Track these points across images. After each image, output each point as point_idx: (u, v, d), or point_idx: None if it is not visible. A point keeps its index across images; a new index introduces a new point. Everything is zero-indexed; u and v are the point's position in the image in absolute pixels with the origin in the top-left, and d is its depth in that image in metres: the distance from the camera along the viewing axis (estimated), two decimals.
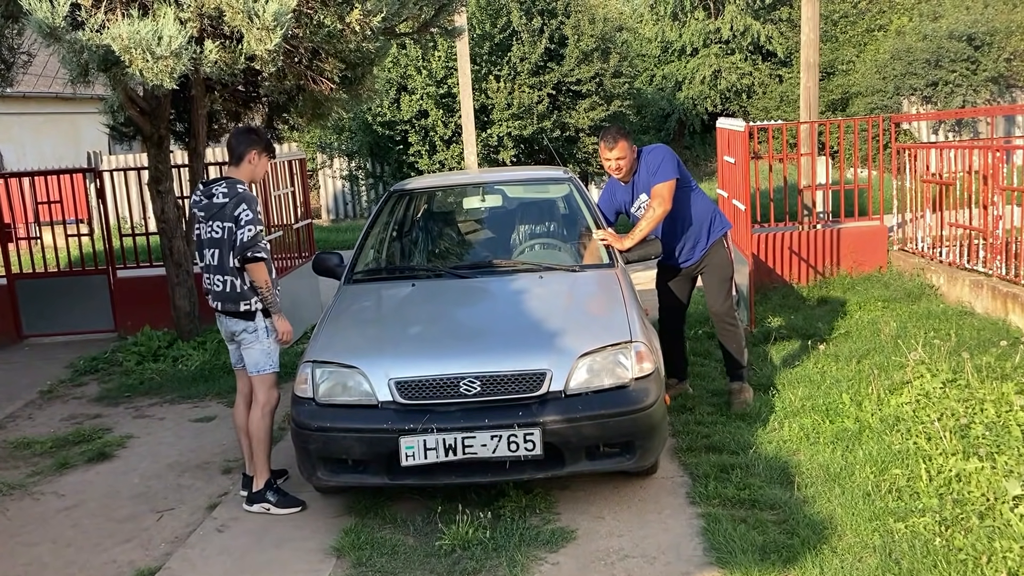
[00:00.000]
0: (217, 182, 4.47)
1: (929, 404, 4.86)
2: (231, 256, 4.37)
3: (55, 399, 6.94)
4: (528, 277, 5.01)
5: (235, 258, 4.36)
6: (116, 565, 4.09)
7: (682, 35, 24.92)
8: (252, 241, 4.34)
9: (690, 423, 5.23)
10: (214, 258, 4.43)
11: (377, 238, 5.82)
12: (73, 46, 5.60)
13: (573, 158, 17.42)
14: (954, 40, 19.38)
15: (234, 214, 4.36)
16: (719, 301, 5.58)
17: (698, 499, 4.24)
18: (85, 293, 8.89)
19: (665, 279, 5.76)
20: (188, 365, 7.36)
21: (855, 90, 21.41)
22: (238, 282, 4.40)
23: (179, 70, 5.49)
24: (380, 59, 7.86)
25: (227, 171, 4.54)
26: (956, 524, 3.69)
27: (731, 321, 5.58)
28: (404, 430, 3.94)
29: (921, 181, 8.71)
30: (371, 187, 19.25)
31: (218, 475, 5.11)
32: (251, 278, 4.39)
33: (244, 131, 4.67)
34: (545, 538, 3.95)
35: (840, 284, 8.53)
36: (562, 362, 4.08)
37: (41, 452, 5.66)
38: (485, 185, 6.32)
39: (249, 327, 4.45)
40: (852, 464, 4.40)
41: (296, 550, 4.07)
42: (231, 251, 4.37)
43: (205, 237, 4.47)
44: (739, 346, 5.58)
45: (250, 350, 4.48)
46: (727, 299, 5.59)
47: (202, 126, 7.77)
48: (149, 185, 7.75)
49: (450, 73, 16.18)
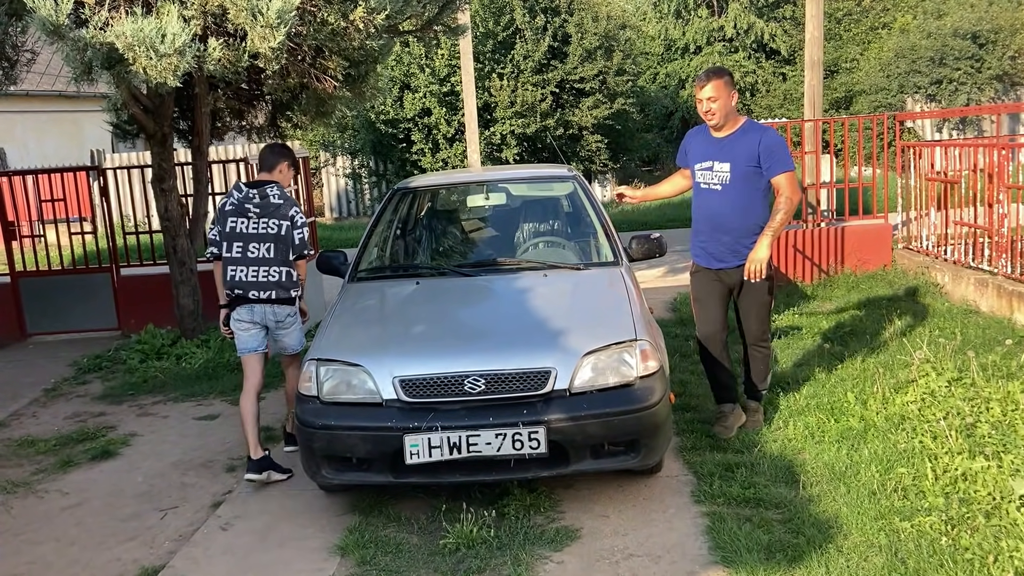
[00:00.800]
0: (265, 184, 4.94)
1: (934, 403, 4.85)
2: (289, 251, 4.90)
3: (59, 397, 6.95)
4: (532, 275, 5.00)
5: (294, 254, 4.92)
6: (120, 563, 4.09)
7: (685, 33, 24.92)
8: (306, 240, 4.96)
9: (694, 422, 5.21)
10: (269, 251, 4.89)
11: (381, 236, 5.81)
12: (76, 44, 5.60)
13: (576, 156, 17.42)
14: (958, 38, 19.35)
15: (289, 214, 4.91)
16: (755, 325, 5.00)
17: (703, 498, 4.23)
18: (88, 291, 8.89)
19: (701, 290, 5.05)
20: (191, 363, 7.36)
21: (859, 88, 21.39)
22: (294, 273, 4.96)
23: (182, 68, 5.48)
24: (384, 57, 7.86)
25: (265, 176, 5.03)
26: (962, 523, 3.67)
27: (764, 345, 5.06)
28: (408, 428, 3.93)
29: (926, 179, 8.68)
30: (374, 185, 19.25)
31: (222, 473, 5.11)
32: (298, 271, 4.98)
33: (278, 146, 5.17)
34: (550, 537, 3.94)
35: (844, 282, 8.51)
36: (567, 360, 4.07)
37: (45, 450, 5.67)
38: (489, 183, 6.31)
39: (292, 311, 4.99)
40: (857, 463, 4.39)
41: (300, 549, 4.06)
42: (289, 247, 4.90)
43: (254, 232, 4.88)
44: (766, 369, 5.12)
45: (291, 331, 5.03)
46: (764, 323, 5.03)
47: (205, 124, 7.76)
48: (152, 183, 7.75)
49: (453, 71, 16.18)
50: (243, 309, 4.95)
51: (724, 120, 4.75)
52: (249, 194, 4.90)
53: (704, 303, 5.03)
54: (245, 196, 4.91)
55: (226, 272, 4.93)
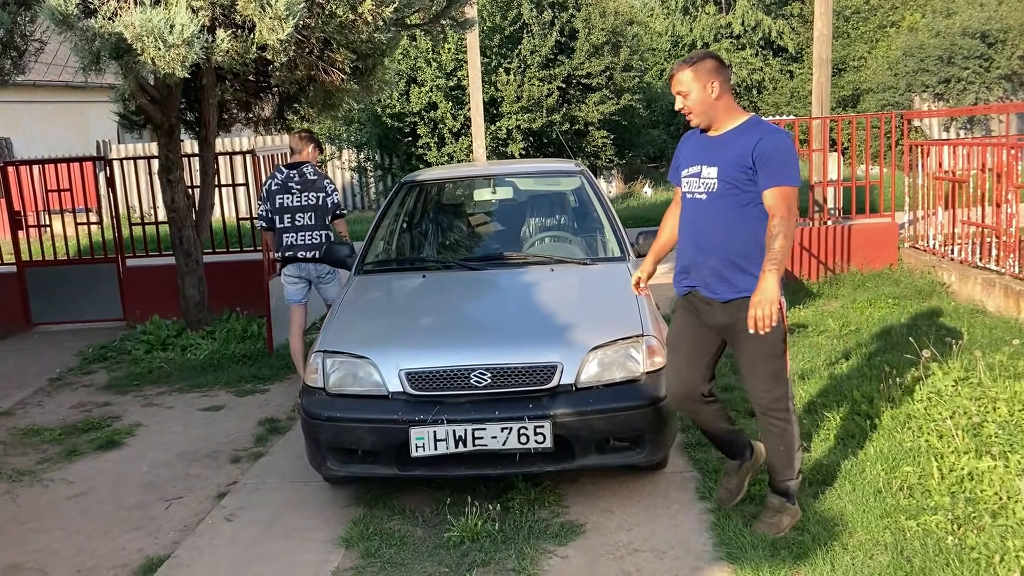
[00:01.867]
0: (300, 165, 6.06)
1: (941, 402, 4.83)
2: (327, 216, 6.02)
3: (64, 387, 6.96)
4: (539, 270, 4.99)
5: (331, 217, 6.04)
6: (125, 552, 4.10)
7: (693, 29, 24.87)
8: (339, 203, 6.14)
9: None
10: (311, 219, 5.98)
11: (388, 229, 5.81)
12: (85, 34, 5.60)
13: (583, 152, 17.39)
14: (967, 37, 19.29)
15: (323, 185, 6.07)
16: (762, 386, 3.67)
17: (708, 494, 4.22)
18: (94, 282, 8.90)
19: (675, 333, 3.88)
20: (197, 354, 7.37)
21: (866, 86, 21.34)
22: (332, 235, 6.06)
23: (191, 59, 5.48)
24: (391, 51, 7.84)
25: (297, 159, 6.11)
26: (969, 523, 3.66)
27: (780, 415, 3.69)
28: (414, 421, 3.93)
29: (933, 178, 8.66)
30: (379, 179, 19.24)
31: (227, 464, 5.11)
32: (338, 230, 6.18)
33: (304, 132, 6.26)
34: (554, 531, 3.94)
35: (850, 281, 8.49)
36: (573, 355, 4.06)
37: (50, 439, 5.68)
38: (496, 177, 6.30)
39: (330, 268, 6.02)
40: (863, 461, 4.38)
41: (305, 540, 4.07)
42: (327, 213, 6.02)
43: (298, 204, 5.98)
44: (787, 449, 3.74)
45: (330, 286, 6.10)
46: (776, 384, 3.66)
47: (213, 115, 7.76)
48: (159, 174, 7.75)
49: (460, 65, 16.16)
50: (292, 267, 6.03)
51: (707, 118, 3.65)
52: (290, 174, 6.03)
53: (676, 350, 3.86)
54: (287, 176, 6.03)
55: (281, 240, 5.99)
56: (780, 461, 3.78)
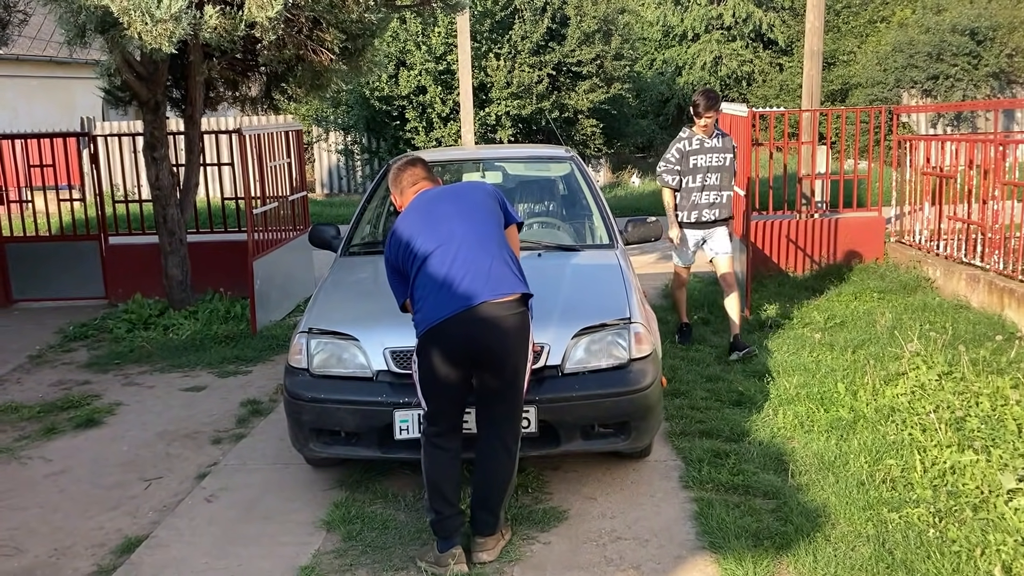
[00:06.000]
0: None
1: (924, 396, 4.85)
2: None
3: (44, 364, 6.88)
4: (526, 255, 4.94)
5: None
6: (104, 532, 4.05)
7: (684, 20, 24.83)
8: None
9: (684, 407, 5.20)
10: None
11: (374, 212, 5.75)
12: (70, 6, 5.52)
13: (571, 139, 17.35)
14: (956, 34, 19.34)
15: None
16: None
17: (691, 483, 4.22)
18: (76, 259, 8.80)
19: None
20: (179, 334, 7.30)
21: (855, 81, 21.38)
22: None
23: (178, 35, 5.41)
24: (381, 31, 7.78)
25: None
26: (950, 516, 3.67)
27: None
28: (399, 404, 3.90)
29: (920, 174, 8.68)
30: (366, 162, 19.13)
31: (207, 445, 5.07)
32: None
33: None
34: (537, 518, 3.93)
35: (836, 274, 8.50)
36: (559, 336, 4.03)
37: (29, 417, 5.61)
38: (485, 162, 6.26)
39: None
40: (846, 453, 4.38)
41: (285, 522, 4.03)
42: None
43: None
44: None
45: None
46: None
47: (199, 93, 7.68)
48: (144, 151, 7.66)
49: (450, 50, 16.06)
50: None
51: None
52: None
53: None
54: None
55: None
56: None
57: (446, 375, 3.51)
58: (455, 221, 3.60)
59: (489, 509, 3.60)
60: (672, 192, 6.38)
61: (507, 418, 3.61)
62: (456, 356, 3.50)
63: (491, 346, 3.48)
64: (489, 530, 3.60)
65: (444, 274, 3.48)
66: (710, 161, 6.25)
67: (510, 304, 3.49)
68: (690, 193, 6.30)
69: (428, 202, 3.71)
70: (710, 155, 6.25)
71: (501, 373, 3.53)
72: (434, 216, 3.63)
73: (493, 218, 3.69)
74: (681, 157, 6.30)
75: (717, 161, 6.26)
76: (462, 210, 3.66)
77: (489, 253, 3.55)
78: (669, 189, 6.38)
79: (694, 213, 6.32)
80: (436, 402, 3.58)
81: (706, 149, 6.25)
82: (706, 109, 6.13)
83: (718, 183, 6.29)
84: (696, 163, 6.25)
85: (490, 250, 3.56)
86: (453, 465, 3.62)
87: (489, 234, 3.62)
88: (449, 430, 3.61)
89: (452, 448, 3.61)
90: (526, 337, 3.59)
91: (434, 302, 3.48)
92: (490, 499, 3.60)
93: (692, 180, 6.27)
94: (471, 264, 3.49)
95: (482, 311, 3.44)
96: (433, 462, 3.59)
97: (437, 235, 3.56)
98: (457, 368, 3.51)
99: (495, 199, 3.77)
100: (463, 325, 3.44)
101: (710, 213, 6.31)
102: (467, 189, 3.91)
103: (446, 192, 3.81)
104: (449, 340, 3.47)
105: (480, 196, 3.76)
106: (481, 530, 3.60)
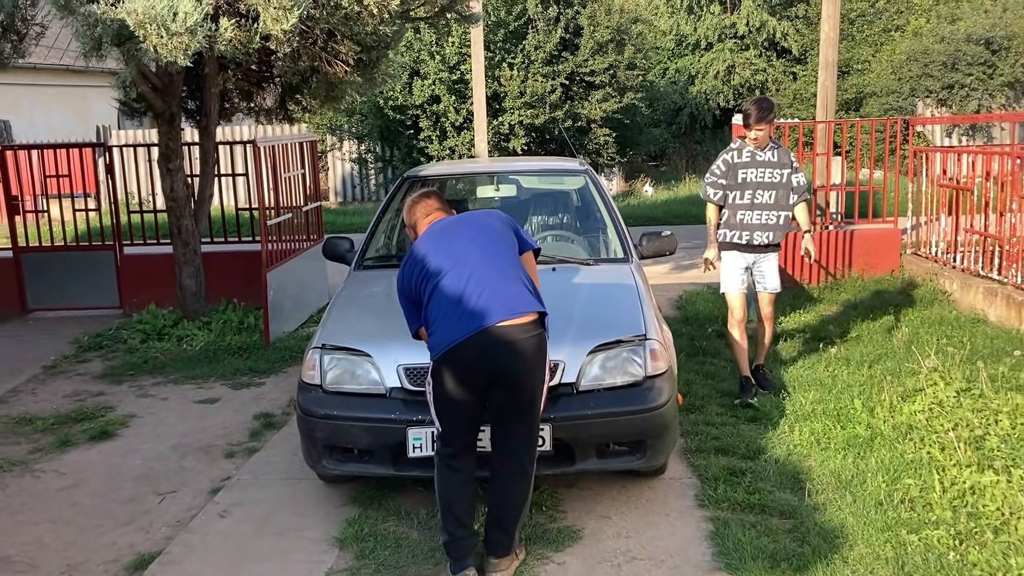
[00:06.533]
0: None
1: (943, 413, 4.80)
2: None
3: (58, 375, 6.90)
4: (540, 269, 4.92)
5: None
6: (116, 548, 4.04)
7: (697, 29, 24.75)
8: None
9: (699, 424, 5.16)
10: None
11: (389, 224, 5.75)
12: (87, 19, 5.54)
13: (584, 149, 17.32)
14: (972, 43, 19.23)
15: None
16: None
17: (707, 502, 4.18)
18: (91, 269, 8.83)
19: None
20: (193, 345, 7.31)
21: (869, 90, 21.28)
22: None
23: (193, 47, 5.42)
24: (395, 43, 7.79)
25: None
26: (970, 538, 3.63)
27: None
28: (412, 421, 3.89)
29: (937, 185, 8.61)
30: (380, 171, 19.15)
31: (221, 459, 5.06)
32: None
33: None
34: (551, 537, 3.89)
35: (851, 286, 8.45)
36: (574, 354, 4.01)
37: (43, 428, 5.62)
38: (499, 175, 6.25)
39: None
40: (864, 472, 4.34)
41: (299, 539, 4.02)
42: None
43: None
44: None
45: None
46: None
47: (214, 105, 7.70)
48: (159, 162, 7.68)
49: (463, 59, 16.07)
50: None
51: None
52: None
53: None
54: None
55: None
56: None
57: (461, 397, 3.49)
58: (469, 244, 3.60)
59: (503, 530, 3.57)
60: (716, 208, 5.69)
61: (523, 440, 3.58)
62: (472, 379, 3.48)
63: (508, 369, 3.46)
64: (503, 551, 3.57)
65: (458, 294, 3.47)
66: (762, 176, 5.53)
67: (526, 326, 3.47)
68: (736, 211, 5.58)
69: (442, 229, 3.72)
70: (763, 170, 5.53)
71: (518, 395, 3.51)
72: (448, 240, 3.63)
73: (507, 242, 3.69)
74: (728, 169, 5.60)
75: (771, 177, 5.52)
76: (476, 235, 3.67)
77: (503, 274, 3.54)
78: (714, 205, 5.69)
79: (743, 234, 5.58)
80: (450, 423, 3.56)
81: (758, 163, 5.53)
82: (757, 120, 5.42)
83: (772, 202, 5.52)
84: (745, 177, 5.54)
85: (505, 271, 3.55)
86: (466, 486, 3.59)
87: (504, 256, 3.62)
88: (463, 451, 3.59)
89: (465, 469, 3.59)
90: (543, 359, 3.57)
91: (448, 324, 3.47)
92: (504, 520, 3.58)
93: (740, 196, 5.56)
94: (485, 284, 3.48)
95: (498, 332, 3.42)
96: (446, 483, 3.57)
97: (451, 257, 3.56)
98: (472, 390, 3.49)
99: (509, 227, 3.78)
100: (479, 348, 3.42)
101: (762, 236, 5.56)
102: (481, 216, 3.91)
103: (460, 219, 3.82)
104: (465, 363, 3.46)
105: (493, 222, 3.77)
106: (495, 551, 3.58)
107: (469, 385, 3.48)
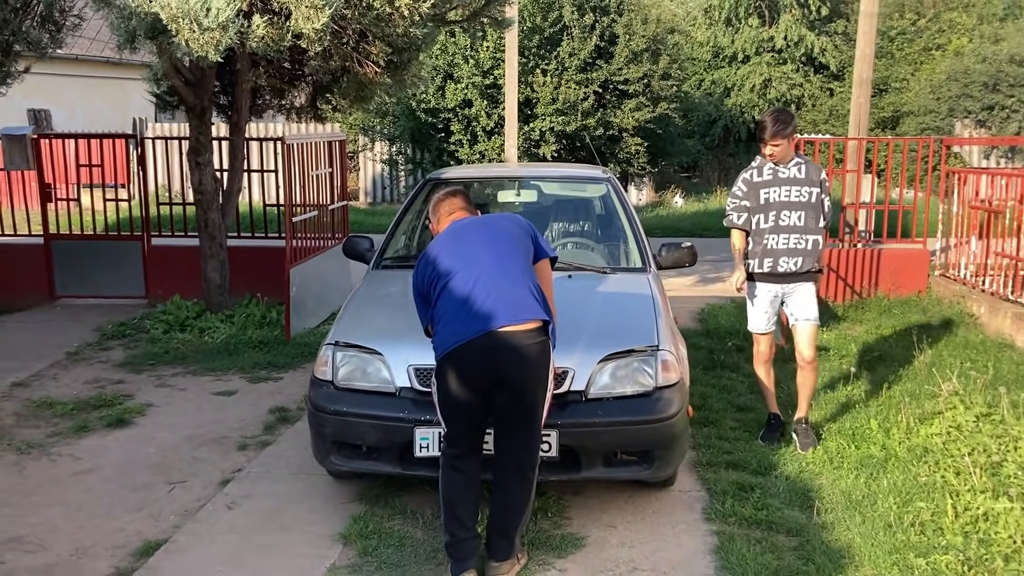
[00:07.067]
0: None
1: (960, 437, 4.72)
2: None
3: (80, 361, 6.99)
4: (556, 276, 4.91)
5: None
6: (124, 534, 4.09)
7: (734, 41, 24.64)
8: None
9: (711, 437, 5.12)
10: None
11: (409, 225, 5.77)
12: (122, 12, 5.63)
13: (615, 158, 17.29)
14: (1015, 64, 18.96)
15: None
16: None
17: (714, 516, 4.14)
18: (119, 258, 8.95)
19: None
20: (214, 337, 7.38)
21: (907, 109, 21.05)
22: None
23: (225, 43, 5.48)
24: (427, 46, 7.83)
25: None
26: (980, 565, 3.57)
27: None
28: (420, 421, 3.90)
29: (969, 207, 8.50)
30: (410, 173, 19.26)
31: (234, 451, 5.10)
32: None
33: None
34: (554, 543, 3.88)
35: (877, 306, 8.35)
36: (585, 361, 4.00)
37: (62, 413, 5.70)
38: (522, 180, 6.26)
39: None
40: (875, 493, 4.28)
41: (304, 534, 4.04)
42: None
43: None
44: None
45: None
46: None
47: (245, 100, 7.78)
48: (188, 156, 7.77)
49: (497, 64, 16.12)
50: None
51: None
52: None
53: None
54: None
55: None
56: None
57: (464, 398, 3.50)
58: (482, 247, 3.61)
59: (504, 534, 3.57)
60: (742, 234, 5.04)
61: (524, 445, 3.58)
62: (474, 380, 3.49)
63: (510, 373, 3.46)
64: (504, 555, 3.57)
65: (465, 296, 3.48)
66: (787, 195, 4.89)
67: (530, 332, 3.47)
68: (761, 236, 4.95)
69: (459, 229, 3.74)
70: (788, 188, 4.89)
71: (519, 401, 3.51)
72: (462, 241, 3.65)
73: (520, 249, 3.69)
74: (749, 190, 4.99)
75: (797, 196, 4.88)
76: (490, 238, 3.68)
77: (511, 280, 3.55)
78: (739, 231, 5.06)
79: (767, 261, 4.95)
80: (455, 424, 3.57)
81: (780, 180, 4.90)
82: (772, 136, 4.80)
83: (800, 224, 4.89)
84: (768, 198, 4.91)
85: (513, 277, 3.56)
86: (470, 487, 3.60)
87: (514, 262, 3.63)
88: (467, 452, 3.60)
89: (470, 471, 3.59)
90: (546, 366, 3.57)
91: (453, 325, 3.48)
92: (505, 524, 3.57)
93: (764, 219, 4.93)
94: (492, 287, 3.49)
95: (501, 337, 3.42)
96: (450, 484, 3.57)
97: (462, 258, 3.57)
98: (476, 392, 3.50)
99: (527, 232, 3.78)
100: (481, 350, 3.43)
101: (789, 262, 4.92)
102: (499, 220, 3.92)
103: (478, 221, 3.84)
104: (467, 365, 3.47)
105: (511, 227, 3.78)
106: (496, 555, 3.57)
107: (471, 387, 3.49)
